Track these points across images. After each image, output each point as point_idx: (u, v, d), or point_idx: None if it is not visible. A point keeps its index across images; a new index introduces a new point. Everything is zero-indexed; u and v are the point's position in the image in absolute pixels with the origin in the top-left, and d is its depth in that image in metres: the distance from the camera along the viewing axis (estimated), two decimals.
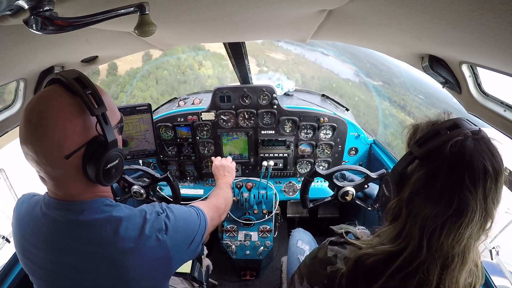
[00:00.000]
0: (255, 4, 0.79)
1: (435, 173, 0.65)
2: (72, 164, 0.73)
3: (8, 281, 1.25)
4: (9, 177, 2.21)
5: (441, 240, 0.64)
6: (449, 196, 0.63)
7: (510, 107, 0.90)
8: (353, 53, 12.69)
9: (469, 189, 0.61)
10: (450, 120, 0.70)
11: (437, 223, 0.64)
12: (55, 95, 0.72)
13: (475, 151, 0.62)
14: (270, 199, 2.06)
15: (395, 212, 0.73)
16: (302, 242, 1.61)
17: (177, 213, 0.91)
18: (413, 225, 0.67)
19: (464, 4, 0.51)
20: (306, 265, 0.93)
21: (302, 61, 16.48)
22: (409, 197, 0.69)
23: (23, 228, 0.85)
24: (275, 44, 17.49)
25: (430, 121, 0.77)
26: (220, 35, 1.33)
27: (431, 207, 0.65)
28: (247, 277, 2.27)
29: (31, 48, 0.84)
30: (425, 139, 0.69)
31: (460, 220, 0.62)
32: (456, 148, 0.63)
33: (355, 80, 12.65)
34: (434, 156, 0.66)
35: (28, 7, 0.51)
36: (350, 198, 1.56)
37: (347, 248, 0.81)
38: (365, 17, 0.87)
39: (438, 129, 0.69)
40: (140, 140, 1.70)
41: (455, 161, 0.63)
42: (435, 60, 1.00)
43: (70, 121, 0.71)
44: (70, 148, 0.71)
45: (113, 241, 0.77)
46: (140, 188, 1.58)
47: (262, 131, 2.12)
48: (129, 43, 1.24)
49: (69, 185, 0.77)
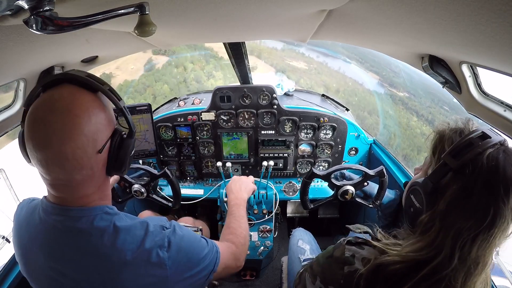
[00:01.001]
0: (255, 4, 0.79)
1: (472, 186, 0.65)
2: (101, 158, 0.75)
3: (8, 281, 1.25)
4: (9, 177, 2.21)
5: (472, 249, 0.65)
6: (485, 208, 0.63)
7: (510, 107, 0.90)
8: (375, 60, 11.86)
9: (504, 201, 0.62)
10: (478, 130, 0.70)
11: (471, 234, 0.64)
12: (76, 93, 0.71)
13: (507, 163, 0.64)
14: (270, 199, 2.06)
15: (427, 225, 0.72)
16: (302, 241, 1.61)
17: (185, 233, 0.87)
18: (446, 236, 0.67)
19: (464, 4, 0.51)
20: (320, 264, 0.91)
21: (324, 70, 15.25)
22: (446, 211, 0.68)
23: (22, 233, 0.84)
24: (296, 50, 16.24)
25: (456, 129, 0.76)
26: (220, 35, 1.33)
27: (466, 220, 0.65)
28: (247, 277, 2.27)
29: (31, 48, 0.84)
30: (459, 150, 0.68)
31: (492, 230, 0.63)
32: (491, 160, 0.64)
33: (380, 91, 11.80)
34: (469, 168, 0.66)
35: (28, 7, 0.51)
36: (350, 197, 1.56)
37: (365, 248, 0.80)
38: (365, 17, 0.87)
39: (469, 139, 0.68)
40: (140, 140, 1.70)
41: (491, 174, 0.63)
42: (435, 60, 1.00)
43: (99, 115, 0.73)
44: (102, 141, 0.74)
45: (110, 252, 0.75)
46: (141, 187, 1.58)
47: (262, 131, 2.12)
48: (129, 43, 1.24)
49: (86, 185, 0.76)
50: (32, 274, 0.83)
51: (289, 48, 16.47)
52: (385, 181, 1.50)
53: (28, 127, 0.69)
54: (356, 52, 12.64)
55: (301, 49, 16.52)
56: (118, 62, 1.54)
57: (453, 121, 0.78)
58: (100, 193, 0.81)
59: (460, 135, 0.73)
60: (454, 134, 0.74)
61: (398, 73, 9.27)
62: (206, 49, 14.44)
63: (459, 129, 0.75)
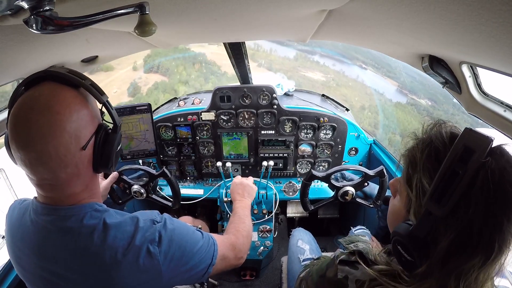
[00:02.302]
0: (255, 4, 0.79)
1: (470, 228, 0.54)
2: (86, 154, 0.74)
3: (8, 281, 1.25)
4: (9, 177, 2.21)
5: (478, 279, 0.58)
6: (489, 243, 0.54)
7: (510, 107, 0.90)
8: (391, 65, 10.73)
9: (509, 229, 0.54)
10: (458, 144, 0.54)
11: (475, 270, 0.56)
12: (57, 90, 0.70)
13: (505, 181, 0.52)
14: (270, 199, 2.06)
15: (424, 274, 0.61)
16: (302, 241, 1.61)
17: (177, 226, 0.84)
18: (448, 279, 0.58)
19: (464, 4, 0.51)
20: (314, 282, 0.87)
21: (343, 80, 13.69)
22: (443, 261, 0.58)
23: (14, 235, 0.83)
24: (310, 59, 14.36)
25: (429, 148, 0.61)
26: (220, 35, 1.33)
27: (468, 261, 0.56)
28: (247, 277, 2.27)
29: (31, 48, 0.84)
30: (441, 190, 0.55)
31: (498, 257, 0.56)
32: (486, 190, 0.52)
33: (401, 100, 10.75)
34: (461, 209, 0.54)
35: (28, 7, 0.51)
36: (350, 197, 1.56)
37: (359, 268, 0.73)
38: (365, 17, 0.87)
39: (452, 167, 0.54)
40: (140, 140, 1.70)
41: (491, 205, 0.52)
42: (435, 60, 1.00)
43: (81, 111, 0.72)
44: (85, 137, 0.73)
45: (100, 250, 0.73)
46: (140, 188, 1.58)
47: (262, 131, 2.12)
48: (129, 43, 1.24)
49: (73, 184, 0.75)
50: (27, 275, 0.82)
51: (303, 57, 14.80)
52: (385, 181, 1.50)
53: (10, 127, 0.68)
54: (371, 56, 11.60)
55: (315, 56, 14.77)
56: (100, 84, 1.43)
57: (421, 132, 0.65)
58: (89, 191, 0.80)
59: (436, 159, 0.59)
60: (428, 160, 0.60)
61: (414, 77, 8.35)
62: (208, 65, 13.14)
63: (432, 149, 0.60)
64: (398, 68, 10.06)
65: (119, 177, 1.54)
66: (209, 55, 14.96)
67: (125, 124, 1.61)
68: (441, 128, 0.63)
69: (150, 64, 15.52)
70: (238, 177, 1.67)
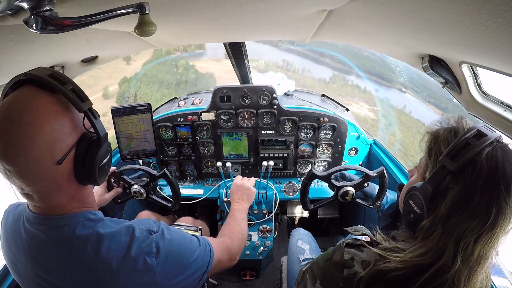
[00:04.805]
0: (255, 4, 0.79)
1: (473, 188, 0.64)
2: (64, 169, 0.68)
3: (8, 281, 1.25)
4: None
5: (475, 250, 0.65)
6: (487, 208, 0.63)
7: (510, 107, 0.90)
8: (428, 87, 9.22)
9: (505, 199, 0.62)
10: (473, 128, 0.69)
11: (474, 235, 0.64)
12: (32, 97, 0.64)
13: (506, 160, 0.63)
14: (270, 199, 2.06)
15: (428, 230, 0.70)
16: (302, 241, 1.61)
17: (174, 236, 0.82)
18: (448, 239, 0.66)
19: (464, 4, 0.51)
20: (320, 267, 0.90)
21: (390, 112, 12.21)
22: (447, 215, 0.67)
23: (9, 241, 0.81)
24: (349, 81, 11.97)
25: (450, 128, 0.74)
26: (220, 35, 1.33)
27: (468, 221, 0.64)
28: (247, 277, 2.27)
29: (31, 48, 0.84)
30: (456, 151, 0.66)
31: (494, 229, 0.63)
32: (490, 160, 0.63)
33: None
34: (469, 169, 0.65)
35: (28, 7, 0.51)
36: (350, 198, 1.56)
37: (364, 251, 0.79)
38: (365, 17, 0.87)
39: (466, 139, 0.66)
40: (140, 140, 1.70)
41: (491, 173, 0.63)
42: (435, 60, 1.00)
43: (57, 121, 0.65)
44: (62, 151, 0.66)
45: (94, 261, 0.71)
46: (140, 188, 1.58)
47: (262, 131, 2.12)
48: (129, 43, 1.24)
49: (56, 196, 0.70)
50: (23, 282, 0.81)
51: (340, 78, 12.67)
52: (385, 182, 1.50)
53: None
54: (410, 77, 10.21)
55: (351, 77, 12.88)
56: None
57: (445, 120, 0.77)
58: (78, 201, 0.75)
59: (455, 135, 0.71)
60: (449, 135, 0.73)
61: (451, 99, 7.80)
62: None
63: (453, 129, 0.73)
64: (436, 92, 9.23)
65: (119, 177, 1.54)
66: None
67: (125, 124, 1.61)
68: (462, 119, 0.75)
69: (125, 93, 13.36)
70: (240, 177, 1.67)
